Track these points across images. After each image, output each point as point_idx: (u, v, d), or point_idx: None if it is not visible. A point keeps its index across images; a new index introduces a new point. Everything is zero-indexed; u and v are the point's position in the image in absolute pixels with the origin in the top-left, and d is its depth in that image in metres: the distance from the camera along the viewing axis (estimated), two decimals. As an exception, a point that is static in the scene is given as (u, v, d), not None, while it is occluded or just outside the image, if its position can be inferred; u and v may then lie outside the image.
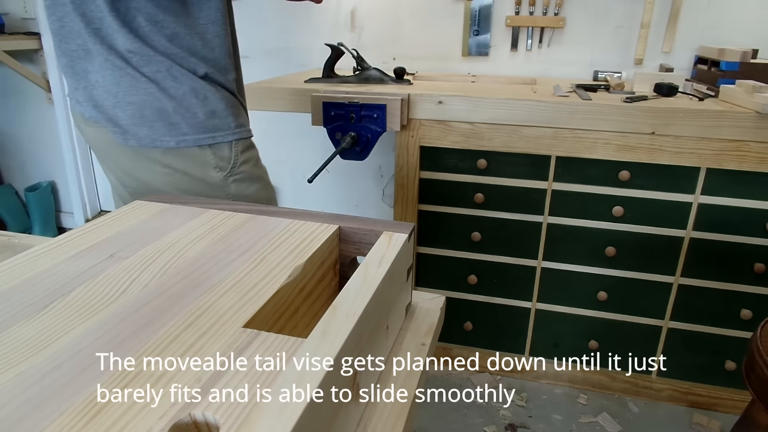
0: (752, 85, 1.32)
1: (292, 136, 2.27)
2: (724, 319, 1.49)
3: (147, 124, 0.82)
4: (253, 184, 0.91)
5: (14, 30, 2.46)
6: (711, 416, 1.55)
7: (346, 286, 0.42)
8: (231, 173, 0.87)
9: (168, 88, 0.81)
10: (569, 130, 1.41)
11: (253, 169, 0.91)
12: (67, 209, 2.81)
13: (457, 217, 1.58)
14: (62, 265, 0.47)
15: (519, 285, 1.61)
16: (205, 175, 0.85)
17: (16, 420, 0.29)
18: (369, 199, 2.31)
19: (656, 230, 1.46)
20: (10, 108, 2.67)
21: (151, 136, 0.82)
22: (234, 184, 0.88)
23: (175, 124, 0.82)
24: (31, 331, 0.37)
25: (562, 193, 1.49)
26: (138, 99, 0.81)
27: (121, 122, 0.82)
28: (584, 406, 1.60)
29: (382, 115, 1.42)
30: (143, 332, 0.37)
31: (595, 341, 1.61)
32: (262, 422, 0.28)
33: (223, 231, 0.55)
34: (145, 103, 0.81)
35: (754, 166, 1.34)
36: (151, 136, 0.82)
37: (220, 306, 0.41)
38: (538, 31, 1.91)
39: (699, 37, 1.80)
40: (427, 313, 0.58)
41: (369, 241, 0.54)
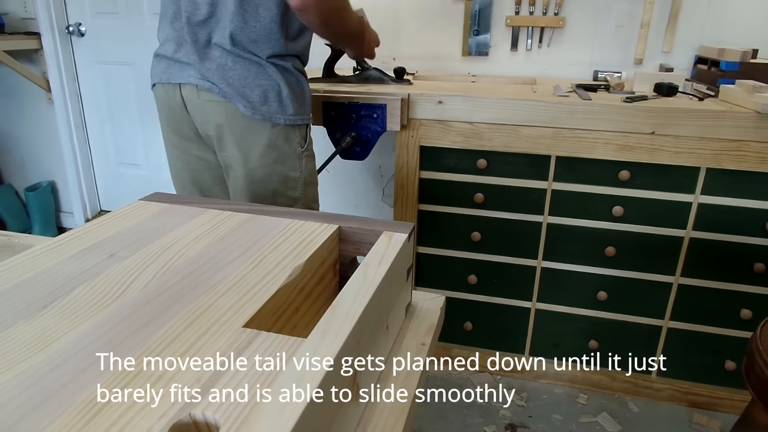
0: (752, 85, 1.32)
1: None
2: (724, 318, 1.49)
3: (268, 103, 1.09)
4: (312, 161, 1.18)
5: (14, 30, 2.46)
6: (711, 416, 1.55)
7: (346, 286, 0.42)
8: (305, 149, 1.16)
9: (285, 78, 1.10)
10: (569, 130, 1.41)
11: (312, 148, 1.19)
12: (67, 209, 2.81)
13: (457, 217, 1.58)
14: (62, 265, 0.47)
15: (519, 285, 1.61)
16: (291, 148, 1.12)
17: (16, 420, 0.29)
18: (369, 199, 2.31)
19: (656, 230, 1.46)
20: (10, 108, 2.67)
21: (270, 112, 1.09)
22: (305, 158, 1.15)
23: (285, 106, 1.10)
24: (31, 331, 0.37)
25: (562, 192, 1.49)
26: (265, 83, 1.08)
27: (251, 99, 1.07)
28: (584, 406, 1.60)
29: (382, 115, 1.42)
30: (143, 332, 0.37)
31: (595, 341, 1.61)
32: (262, 422, 0.28)
33: (222, 231, 0.55)
34: (269, 86, 1.08)
35: (754, 166, 1.34)
36: (270, 112, 1.08)
37: (220, 306, 0.41)
38: (538, 30, 1.91)
39: (699, 37, 1.80)
40: (427, 313, 0.58)
41: (369, 241, 0.54)
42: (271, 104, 1.08)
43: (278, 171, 1.13)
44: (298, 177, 1.15)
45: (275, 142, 1.11)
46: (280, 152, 1.12)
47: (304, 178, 1.16)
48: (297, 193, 1.16)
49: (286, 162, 1.13)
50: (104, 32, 2.45)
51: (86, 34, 2.48)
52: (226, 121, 1.09)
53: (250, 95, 1.07)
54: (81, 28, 2.47)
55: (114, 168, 2.72)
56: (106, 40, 2.45)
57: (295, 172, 1.15)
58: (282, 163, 1.12)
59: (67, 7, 2.45)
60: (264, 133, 1.10)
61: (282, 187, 1.15)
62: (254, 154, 1.11)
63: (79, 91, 2.60)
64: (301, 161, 1.14)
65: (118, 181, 2.74)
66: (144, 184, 2.66)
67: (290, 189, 1.15)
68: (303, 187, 1.16)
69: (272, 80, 1.08)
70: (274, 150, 1.11)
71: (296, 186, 1.16)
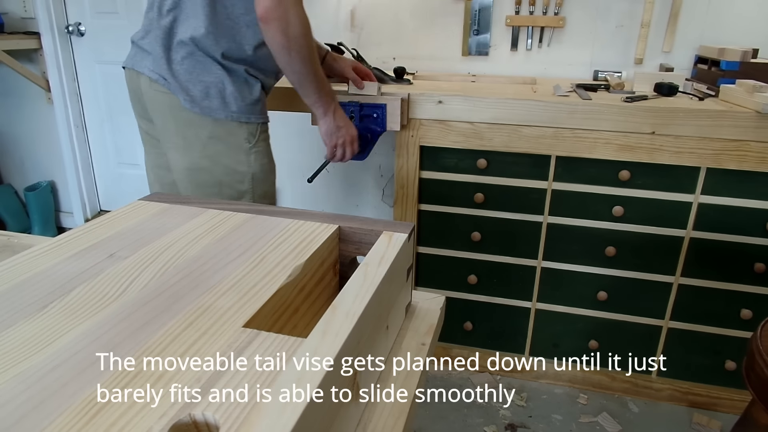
0: (752, 84, 1.32)
1: (292, 136, 2.27)
2: (724, 318, 1.49)
3: (209, 99, 1.12)
4: (264, 157, 1.21)
5: (14, 30, 2.46)
6: (711, 416, 1.55)
7: (346, 286, 0.42)
8: (254, 146, 1.18)
9: (233, 78, 1.13)
10: (569, 130, 1.41)
11: (267, 147, 1.23)
12: (67, 209, 2.81)
13: (457, 217, 1.58)
14: (62, 265, 0.47)
15: (519, 285, 1.61)
16: (236, 143, 1.16)
17: (16, 420, 0.29)
18: (369, 198, 2.30)
19: (656, 230, 1.46)
20: (9, 108, 2.67)
21: (211, 108, 1.12)
22: (254, 154, 1.18)
23: (228, 103, 1.13)
24: (31, 331, 0.37)
25: (562, 192, 1.49)
26: (208, 80, 1.12)
27: (192, 93, 1.12)
28: (584, 406, 1.60)
29: (382, 114, 1.42)
30: (143, 332, 0.37)
31: (595, 341, 1.61)
32: (262, 422, 0.28)
33: (222, 231, 0.55)
34: (212, 83, 1.12)
35: (755, 166, 1.33)
36: (211, 107, 1.12)
37: (219, 306, 0.41)
38: (538, 30, 1.91)
39: (699, 37, 1.80)
40: (427, 313, 0.58)
41: (369, 241, 0.54)
42: (212, 100, 1.12)
43: (224, 163, 1.17)
44: (245, 171, 1.18)
45: (218, 135, 1.15)
46: (224, 145, 1.16)
47: (252, 173, 1.19)
48: (244, 186, 1.19)
49: (232, 156, 1.16)
50: (104, 32, 2.45)
51: (86, 34, 2.48)
52: (170, 112, 1.15)
53: (191, 90, 1.12)
54: (81, 28, 2.47)
55: (114, 168, 2.72)
56: (105, 40, 2.45)
57: (242, 166, 1.17)
58: (227, 156, 1.16)
59: (66, 7, 2.45)
60: (205, 126, 1.14)
61: (228, 179, 1.18)
62: (197, 145, 1.16)
63: (78, 91, 2.60)
64: (249, 156, 1.18)
65: (118, 181, 2.74)
66: (144, 184, 2.65)
67: (237, 182, 1.18)
68: (251, 181, 1.19)
69: (217, 78, 1.12)
70: (217, 142, 1.15)
71: (243, 180, 1.19)
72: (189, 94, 1.12)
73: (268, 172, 1.23)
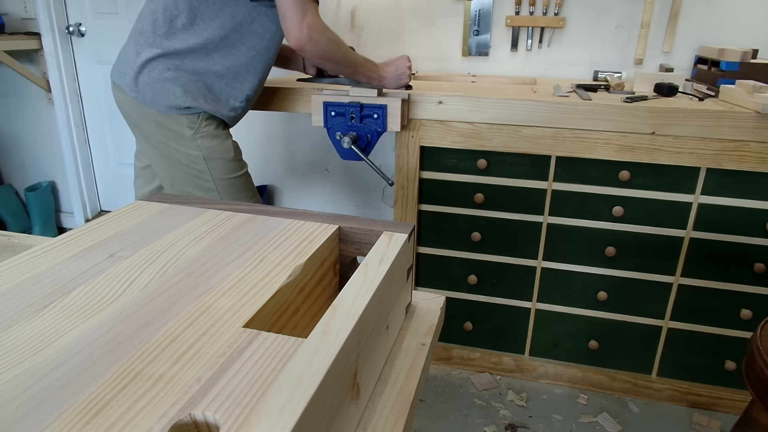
0: (752, 85, 1.32)
1: (293, 136, 2.27)
2: (724, 319, 1.49)
3: (154, 92, 1.25)
4: (212, 140, 1.30)
5: (14, 30, 2.46)
6: (711, 416, 1.55)
7: (346, 286, 0.42)
8: (197, 132, 1.28)
9: (179, 73, 1.24)
10: (569, 130, 1.41)
11: (213, 131, 1.30)
12: (67, 209, 2.81)
13: (457, 217, 1.58)
14: (62, 265, 0.47)
15: (519, 285, 1.61)
16: (181, 130, 1.27)
17: (16, 420, 0.29)
18: (369, 199, 2.31)
19: (656, 230, 1.46)
20: (10, 108, 2.67)
21: (154, 100, 1.25)
22: (199, 139, 1.28)
23: (169, 95, 1.24)
24: (31, 331, 0.37)
25: (562, 193, 1.49)
26: (156, 75, 1.24)
27: (141, 88, 1.25)
28: (584, 406, 1.60)
29: (382, 115, 1.42)
30: (143, 332, 0.37)
31: (595, 341, 1.61)
32: (262, 422, 0.28)
33: (223, 231, 0.55)
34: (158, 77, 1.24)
35: (754, 166, 1.34)
36: (154, 99, 1.24)
37: (220, 306, 0.41)
38: (538, 31, 1.91)
39: (699, 37, 1.80)
40: (427, 313, 0.58)
41: (369, 241, 0.54)
42: (157, 92, 1.25)
43: (176, 148, 1.29)
44: (197, 155, 1.29)
45: (163, 123, 1.27)
46: (172, 132, 1.28)
47: (203, 155, 1.29)
48: (201, 166, 1.30)
49: (182, 141, 1.28)
50: (104, 32, 2.45)
51: (86, 34, 2.48)
52: (126, 103, 1.29)
53: (132, 80, 1.26)
54: (81, 29, 2.47)
55: (114, 168, 2.72)
56: (106, 41, 2.45)
57: (193, 150, 1.29)
58: (177, 141, 1.28)
59: (67, 8, 2.45)
60: (150, 114, 1.27)
61: (186, 160, 1.30)
62: (151, 131, 1.29)
63: (79, 91, 2.60)
64: (196, 141, 1.28)
65: (118, 181, 2.74)
66: (144, 184, 2.65)
67: (193, 163, 1.30)
68: (205, 162, 1.30)
69: (167, 72, 1.23)
70: (166, 130, 1.28)
71: (198, 161, 1.30)
72: (137, 86, 1.25)
73: (221, 151, 1.31)
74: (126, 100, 1.29)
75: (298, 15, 1.17)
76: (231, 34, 1.24)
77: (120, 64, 1.30)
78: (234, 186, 1.34)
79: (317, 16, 1.21)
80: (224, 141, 1.32)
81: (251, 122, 2.28)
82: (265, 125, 2.29)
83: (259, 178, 2.37)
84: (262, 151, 2.33)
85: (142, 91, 1.25)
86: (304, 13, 1.17)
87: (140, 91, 1.25)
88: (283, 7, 1.18)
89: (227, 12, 1.22)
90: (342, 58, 1.30)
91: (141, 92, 1.25)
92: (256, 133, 2.31)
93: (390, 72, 1.43)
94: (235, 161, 1.34)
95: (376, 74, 1.41)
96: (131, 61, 1.26)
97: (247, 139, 2.34)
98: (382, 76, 1.42)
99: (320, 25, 1.21)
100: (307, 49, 1.22)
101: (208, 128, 1.29)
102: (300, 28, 1.18)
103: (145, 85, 1.24)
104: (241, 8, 1.23)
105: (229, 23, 1.23)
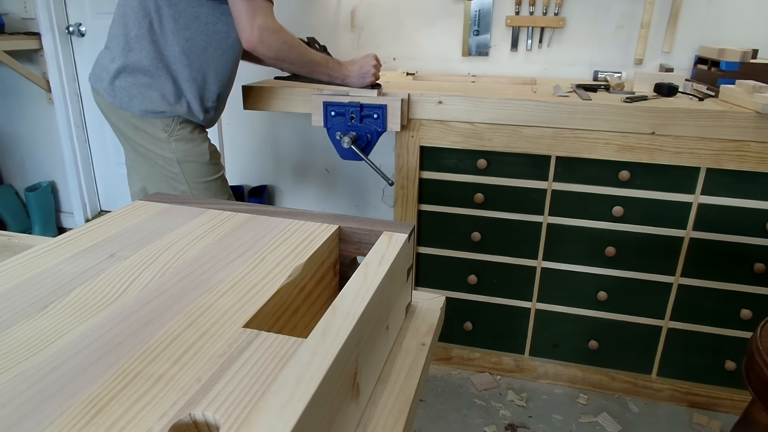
0: (752, 85, 1.32)
1: (293, 137, 2.27)
2: (723, 319, 1.49)
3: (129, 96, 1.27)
4: (186, 144, 1.31)
5: (14, 30, 2.46)
6: (711, 416, 1.55)
7: (346, 286, 0.42)
8: (171, 135, 1.30)
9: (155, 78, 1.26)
10: (569, 130, 1.41)
11: (188, 134, 1.31)
12: (67, 209, 2.81)
13: (457, 217, 1.58)
14: (62, 265, 0.47)
15: (519, 285, 1.61)
16: (156, 133, 1.29)
17: (16, 420, 0.29)
18: (369, 199, 2.31)
19: (656, 230, 1.46)
20: (10, 108, 2.67)
21: (129, 104, 1.27)
22: (173, 142, 1.30)
23: (146, 99, 1.27)
24: (31, 331, 0.37)
25: (562, 193, 1.49)
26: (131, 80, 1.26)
27: (117, 92, 1.27)
28: (584, 406, 1.60)
29: (382, 115, 1.42)
30: (143, 332, 0.37)
31: (595, 341, 1.61)
32: (262, 422, 0.28)
33: (222, 231, 0.55)
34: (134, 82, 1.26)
35: (754, 166, 1.34)
36: (130, 103, 1.27)
37: (220, 306, 0.41)
38: (538, 31, 1.91)
39: (699, 37, 1.80)
40: (427, 313, 0.58)
41: (369, 241, 0.54)
42: (133, 96, 1.27)
43: (153, 150, 1.30)
44: (171, 157, 1.31)
45: (139, 126, 1.29)
46: (148, 135, 1.29)
47: (177, 158, 1.31)
48: (176, 169, 1.31)
49: (157, 144, 1.30)
50: (105, 32, 2.42)
51: (86, 35, 2.48)
52: (105, 107, 1.32)
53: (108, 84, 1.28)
54: (81, 29, 2.47)
55: (114, 168, 2.72)
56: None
57: (167, 153, 1.30)
58: (153, 144, 1.30)
59: (67, 8, 2.45)
60: (126, 117, 1.29)
61: (162, 162, 1.31)
62: (129, 134, 1.31)
63: (79, 91, 2.60)
64: (170, 144, 1.30)
65: (119, 181, 2.74)
66: (144, 184, 2.65)
67: (168, 165, 1.31)
68: (179, 165, 1.31)
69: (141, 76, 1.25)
70: (142, 132, 1.30)
71: (172, 164, 1.31)
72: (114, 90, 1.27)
73: (196, 155, 1.32)
74: (105, 104, 1.31)
75: (249, 17, 1.17)
76: (196, 36, 1.25)
77: (97, 69, 1.32)
78: (209, 189, 1.35)
79: (270, 17, 1.20)
80: (200, 144, 1.33)
81: (251, 122, 2.28)
82: (265, 125, 2.29)
83: (259, 178, 2.37)
84: (262, 151, 2.33)
85: (119, 95, 1.27)
86: (254, 15, 1.17)
87: (116, 95, 1.27)
88: (235, 9, 1.18)
89: (191, 14, 1.23)
90: (297, 58, 1.28)
91: (117, 96, 1.27)
92: (256, 133, 2.31)
93: (354, 71, 1.40)
94: (210, 164, 1.35)
95: (339, 73, 1.38)
96: (107, 66, 1.28)
97: (247, 139, 2.34)
98: (345, 74, 1.39)
99: (272, 26, 1.20)
100: (259, 51, 1.21)
101: (182, 131, 1.30)
102: (251, 30, 1.17)
103: (120, 89, 1.26)
104: (204, 9, 1.23)
105: (193, 25, 1.24)
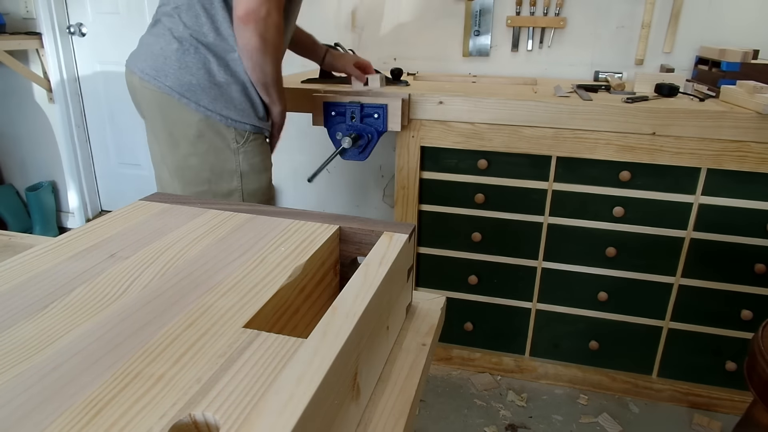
0: (753, 85, 1.32)
1: (292, 136, 2.27)
2: (724, 319, 1.49)
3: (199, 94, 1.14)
4: (254, 157, 1.21)
5: (15, 30, 2.46)
6: (711, 417, 1.55)
7: (347, 287, 0.42)
8: (241, 146, 1.19)
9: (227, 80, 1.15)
10: (570, 131, 1.41)
11: (258, 146, 1.22)
12: (68, 209, 2.81)
13: (457, 218, 1.58)
14: (62, 265, 0.47)
15: (519, 285, 1.61)
16: (224, 143, 1.17)
17: (16, 420, 0.29)
18: (369, 199, 2.31)
19: (657, 231, 1.46)
20: (10, 108, 2.67)
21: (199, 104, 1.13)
22: (242, 154, 1.19)
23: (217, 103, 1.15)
24: (31, 331, 0.37)
25: (562, 193, 1.49)
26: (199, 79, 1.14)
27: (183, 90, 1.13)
28: (584, 406, 1.60)
29: (382, 115, 1.42)
30: (143, 332, 0.37)
31: (595, 341, 1.61)
32: (262, 422, 0.28)
33: (223, 231, 0.55)
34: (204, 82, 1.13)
35: (755, 167, 1.33)
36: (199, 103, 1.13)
37: (220, 306, 0.41)
38: (538, 31, 1.91)
39: (700, 38, 1.80)
40: (428, 314, 0.58)
41: (369, 242, 0.54)
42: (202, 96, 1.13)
43: (211, 161, 1.18)
44: (233, 170, 1.20)
45: (205, 133, 1.15)
46: (210, 144, 1.16)
47: (241, 171, 1.20)
48: (233, 184, 1.21)
49: (219, 154, 1.18)
50: (105, 32, 2.45)
51: (87, 34, 2.48)
52: (159, 110, 1.16)
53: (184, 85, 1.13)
54: (82, 28, 2.47)
55: (115, 168, 2.72)
56: (107, 40, 2.45)
57: (230, 164, 1.19)
58: (214, 154, 1.17)
59: (68, 7, 2.45)
60: (193, 124, 1.14)
61: (215, 177, 1.19)
62: (184, 142, 1.17)
63: (80, 91, 2.60)
64: (238, 156, 1.19)
65: (119, 181, 2.74)
66: (145, 184, 2.66)
67: (225, 180, 1.20)
68: (240, 179, 1.21)
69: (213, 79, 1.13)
70: (205, 141, 1.16)
71: (232, 178, 1.20)
72: (180, 91, 1.13)
73: (260, 170, 1.23)
74: (165, 100, 1.15)
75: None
76: None
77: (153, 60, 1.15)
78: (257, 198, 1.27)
79: (278, 10, 1.07)
80: (266, 155, 1.25)
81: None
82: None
83: (260, 178, 2.37)
84: (262, 151, 2.32)
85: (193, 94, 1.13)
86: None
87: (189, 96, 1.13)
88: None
89: None
90: (278, 58, 1.15)
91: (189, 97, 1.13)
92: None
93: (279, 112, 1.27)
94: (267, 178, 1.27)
95: (277, 103, 1.24)
96: (171, 57, 1.13)
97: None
98: (277, 110, 1.25)
99: (276, 21, 1.07)
100: (249, 26, 1.05)
101: (254, 143, 1.21)
102: (258, 5, 1.04)
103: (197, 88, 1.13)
104: None
105: None
